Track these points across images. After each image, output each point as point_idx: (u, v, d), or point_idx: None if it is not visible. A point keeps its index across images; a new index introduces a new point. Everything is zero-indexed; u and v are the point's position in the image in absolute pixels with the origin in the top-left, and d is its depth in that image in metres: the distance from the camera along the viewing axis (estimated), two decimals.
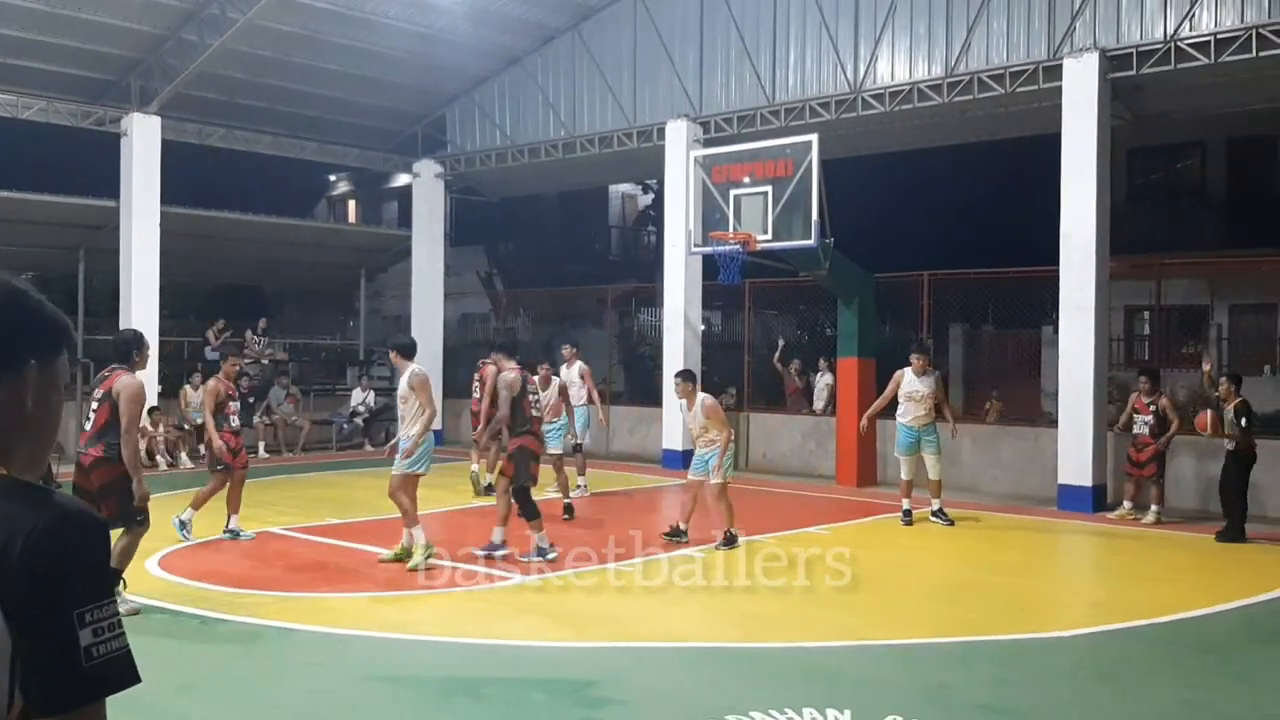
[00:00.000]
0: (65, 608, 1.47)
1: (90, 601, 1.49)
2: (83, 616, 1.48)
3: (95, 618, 1.49)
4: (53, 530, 1.49)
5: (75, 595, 1.48)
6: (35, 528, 1.48)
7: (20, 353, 1.59)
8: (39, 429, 1.63)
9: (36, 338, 1.63)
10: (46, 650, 1.46)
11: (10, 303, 1.61)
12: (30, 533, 1.47)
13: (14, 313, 1.61)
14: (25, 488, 1.55)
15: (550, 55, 19.31)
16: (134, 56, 16.99)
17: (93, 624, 1.48)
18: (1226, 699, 6.23)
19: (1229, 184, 22.67)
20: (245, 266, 22.96)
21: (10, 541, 1.47)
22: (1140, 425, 12.50)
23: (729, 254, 14.20)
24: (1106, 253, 13.55)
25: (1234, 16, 12.80)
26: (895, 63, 15.44)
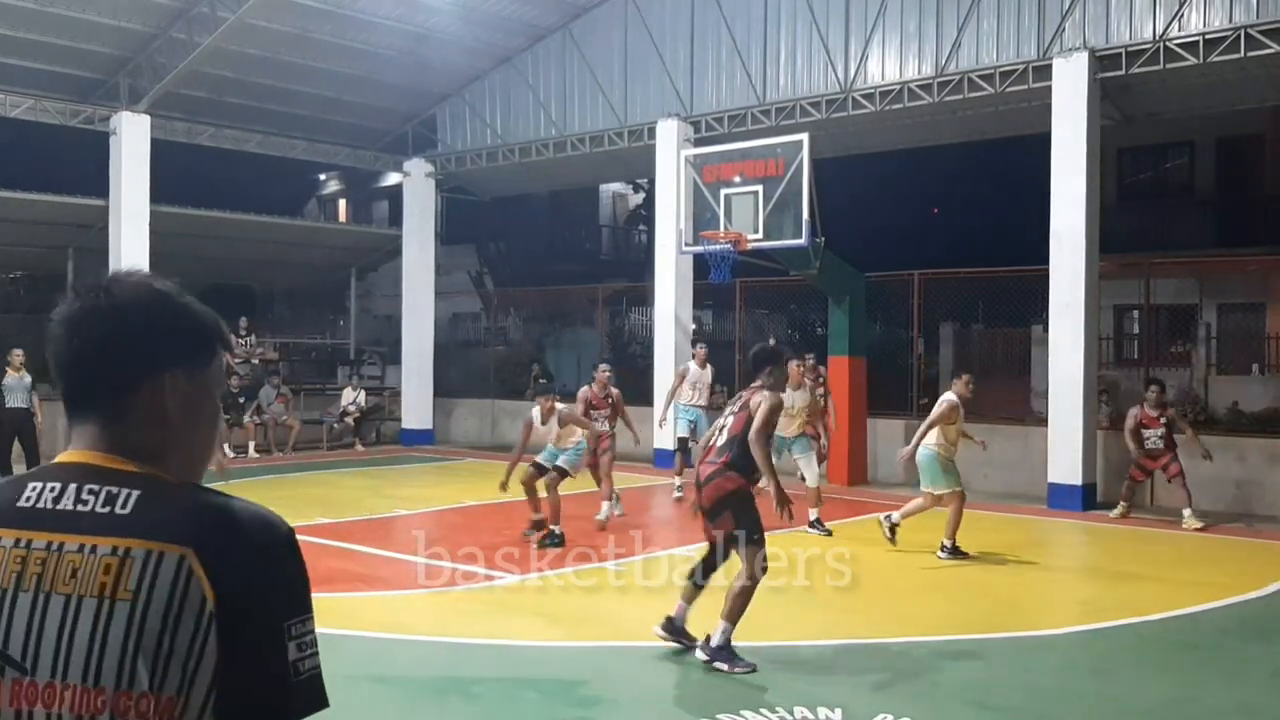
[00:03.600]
0: (276, 619, 1.41)
1: (298, 614, 1.43)
2: (290, 629, 1.42)
3: (300, 631, 1.43)
4: (262, 536, 1.44)
5: (285, 606, 1.42)
6: (244, 533, 1.43)
7: (161, 362, 1.51)
8: (190, 438, 1.55)
9: (179, 345, 1.54)
10: (252, 664, 1.39)
11: (151, 307, 1.54)
12: (239, 538, 1.42)
13: (155, 319, 1.53)
14: (204, 491, 1.48)
15: (541, 54, 19.29)
16: (123, 55, 16.93)
17: (298, 638, 1.42)
18: (1214, 696, 6.26)
19: (1218, 183, 22.76)
20: (235, 266, 22.91)
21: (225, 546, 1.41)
22: (1153, 440, 12.12)
23: (720, 253, 14.22)
24: (1096, 252, 13.59)
25: (1222, 17, 12.85)
26: (886, 62, 15.46)
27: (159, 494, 1.45)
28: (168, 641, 1.36)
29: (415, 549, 10.38)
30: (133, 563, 1.39)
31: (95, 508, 1.43)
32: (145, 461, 1.48)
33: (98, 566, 1.39)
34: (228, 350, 1.64)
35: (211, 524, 1.42)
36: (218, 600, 1.38)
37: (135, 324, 1.50)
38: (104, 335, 1.50)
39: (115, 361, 1.50)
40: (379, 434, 21.69)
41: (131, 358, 1.50)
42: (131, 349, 1.50)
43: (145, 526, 1.41)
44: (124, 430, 1.49)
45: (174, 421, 1.51)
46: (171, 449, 1.52)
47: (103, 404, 1.50)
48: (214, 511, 1.44)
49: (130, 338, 1.50)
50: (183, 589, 1.37)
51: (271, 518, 1.48)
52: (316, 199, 35.93)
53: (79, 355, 1.51)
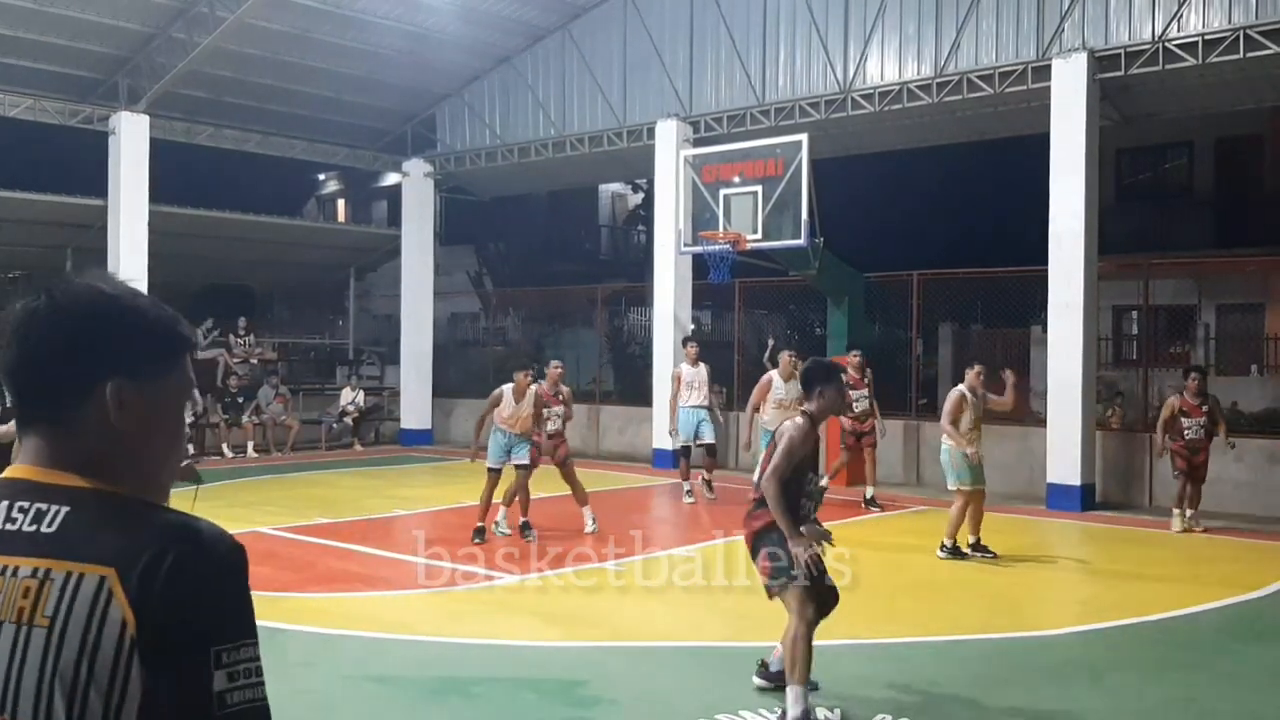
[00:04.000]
0: (201, 644, 1.29)
1: (230, 639, 1.31)
2: (220, 655, 1.30)
3: (232, 659, 1.31)
4: (192, 555, 1.32)
5: (214, 630, 1.31)
6: (172, 551, 1.31)
7: (106, 371, 1.40)
8: (144, 450, 1.44)
9: (128, 352, 1.43)
10: (175, 694, 1.28)
11: (95, 312, 1.43)
12: (166, 556, 1.30)
13: (100, 324, 1.42)
14: (149, 507, 1.39)
15: (540, 54, 19.30)
16: (122, 54, 16.93)
17: (229, 666, 1.30)
18: (1212, 697, 6.26)
19: (1217, 184, 22.76)
20: (234, 266, 22.91)
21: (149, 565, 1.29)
22: (1194, 429, 11.46)
23: (719, 253, 14.22)
24: (1095, 252, 13.60)
25: (1221, 18, 12.86)
26: (885, 63, 15.47)
27: (92, 510, 1.35)
28: (85, 670, 1.27)
29: (414, 549, 10.39)
30: (51, 585, 1.30)
31: (22, 526, 1.34)
32: (91, 476, 1.38)
33: (18, 590, 1.31)
34: (192, 354, 1.53)
35: (137, 542, 1.31)
36: (138, 625, 1.27)
37: (77, 330, 1.41)
38: (45, 342, 1.40)
39: (57, 371, 1.40)
40: (378, 434, 21.69)
41: (74, 366, 1.40)
42: (74, 357, 1.40)
43: (68, 546, 1.31)
44: (70, 443, 1.40)
45: (124, 433, 1.41)
46: (123, 462, 1.41)
47: (48, 415, 1.41)
48: (144, 528, 1.33)
49: (73, 345, 1.40)
50: (101, 613, 1.28)
51: (210, 536, 1.36)
52: (315, 199, 35.93)
53: (20, 363, 1.42)
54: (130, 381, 1.41)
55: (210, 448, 18.89)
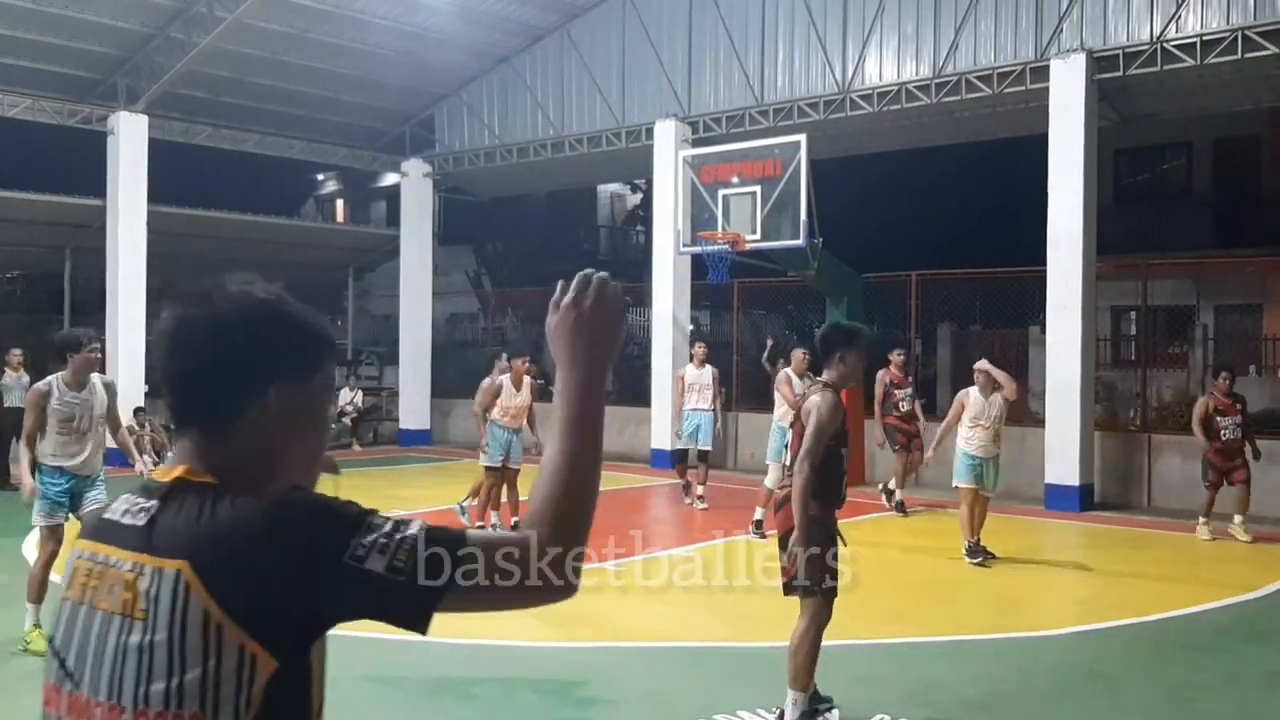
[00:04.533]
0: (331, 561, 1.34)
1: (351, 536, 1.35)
2: (355, 550, 1.34)
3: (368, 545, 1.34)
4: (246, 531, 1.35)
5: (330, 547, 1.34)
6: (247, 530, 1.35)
7: (264, 378, 1.45)
8: (294, 448, 1.49)
9: (284, 359, 1.48)
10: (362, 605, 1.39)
11: (253, 321, 1.47)
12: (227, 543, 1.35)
13: (259, 333, 1.47)
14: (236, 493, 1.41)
15: (539, 55, 19.30)
16: (120, 55, 16.93)
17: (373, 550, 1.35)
18: (1212, 697, 6.27)
19: (1215, 184, 22.76)
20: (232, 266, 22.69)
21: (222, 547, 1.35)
22: (1231, 429, 10.99)
23: (718, 254, 14.22)
24: (1093, 253, 13.60)
25: (1219, 18, 12.86)
26: (883, 63, 15.47)
27: (185, 504, 1.39)
28: (179, 657, 1.33)
29: None
30: (143, 580, 1.36)
31: (132, 521, 1.41)
32: (226, 474, 1.42)
33: (121, 583, 1.38)
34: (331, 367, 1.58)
35: (200, 534, 1.35)
36: (224, 608, 1.32)
37: (238, 340, 1.44)
38: (207, 351, 1.45)
39: (219, 379, 1.44)
40: (376, 434, 21.68)
41: (235, 375, 1.44)
42: (236, 366, 1.44)
43: (154, 541, 1.38)
44: (220, 444, 1.45)
45: (277, 436, 1.46)
46: (272, 461, 1.46)
47: (205, 421, 1.46)
48: (216, 517, 1.37)
49: (234, 355, 1.44)
50: (173, 605, 1.33)
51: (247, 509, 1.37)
52: (314, 199, 35.91)
53: (181, 371, 1.46)
54: (287, 385, 1.46)
55: None
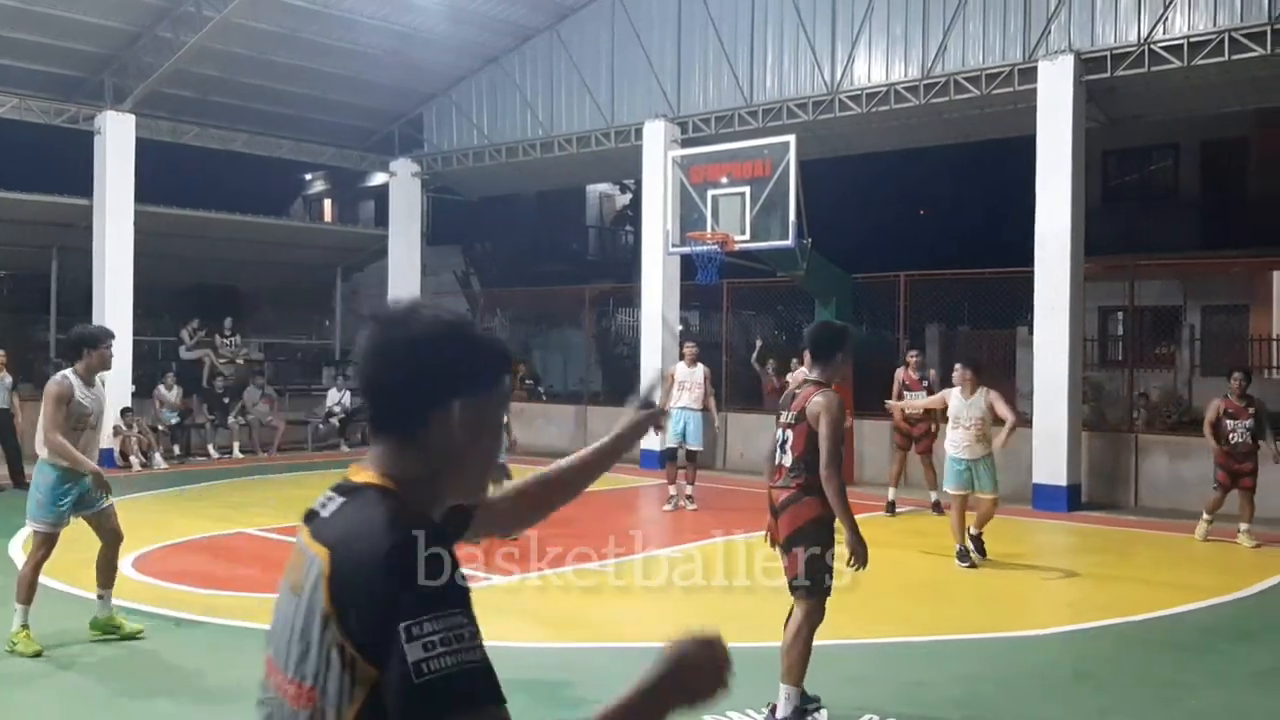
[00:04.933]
0: (393, 619, 1.41)
1: (415, 615, 1.41)
2: (408, 631, 1.40)
3: (420, 632, 1.40)
4: (375, 538, 1.47)
5: (396, 605, 1.42)
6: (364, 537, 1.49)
7: (451, 392, 1.61)
8: (471, 456, 1.66)
9: (470, 375, 1.64)
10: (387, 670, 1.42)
11: (445, 341, 1.64)
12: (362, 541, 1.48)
13: (449, 352, 1.63)
14: (386, 500, 1.55)
15: (528, 54, 19.28)
16: (108, 53, 16.86)
17: (421, 639, 1.40)
18: (1200, 697, 6.29)
19: (1202, 186, 22.89)
20: (220, 266, 22.82)
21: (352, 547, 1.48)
22: (1241, 433, 10.86)
23: (707, 254, 14.22)
24: (1081, 253, 13.65)
25: (1207, 20, 12.92)
26: (872, 64, 15.50)
27: (353, 502, 1.57)
28: (308, 636, 1.50)
29: None
30: (308, 563, 1.53)
31: (323, 513, 1.60)
32: (396, 477, 1.59)
33: (300, 565, 1.56)
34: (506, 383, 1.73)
35: (348, 531, 1.51)
36: (334, 606, 1.46)
37: (428, 357, 1.61)
38: (401, 367, 1.61)
39: (411, 392, 1.61)
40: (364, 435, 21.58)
41: (425, 389, 1.60)
42: (426, 381, 1.60)
43: (322, 531, 1.56)
44: (404, 451, 1.61)
45: (458, 444, 1.61)
46: (448, 468, 1.63)
47: (396, 429, 1.63)
48: (359, 520, 1.52)
49: (425, 371, 1.60)
50: (313, 590, 1.50)
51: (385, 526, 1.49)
52: (302, 199, 35.81)
53: (377, 384, 1.64)
54: (470, 399, 1.62)
55: (196, 449, 18.81)
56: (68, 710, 5.99)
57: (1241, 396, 11.00)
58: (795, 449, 5.48)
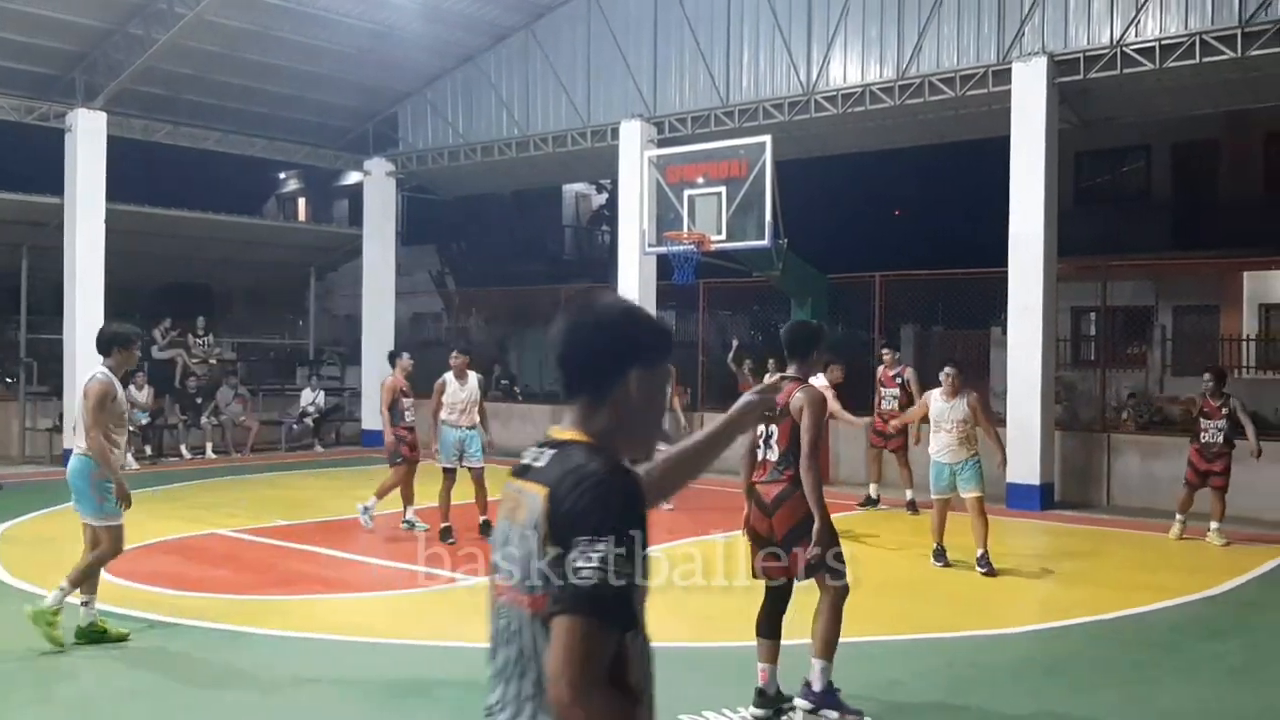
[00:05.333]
0: (573, 533, 1.88)
1: (587, 534, 1.87)
2: (582, 543, 1.87)
3: (586, 547, 1.86)
4: (581, 477, 1.94)
5: (581, 525, 1.89)
6: (573, 476, 1.94)
7: (629, 363, 2.07)
8: (643, 418, 2.12)
9: (643, 350, 2.09)
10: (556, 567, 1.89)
11: (622, 322, 2.10)
12: (571, 479, 1.94)
13: (626, 330, 2.09)
14: (591, 451, 2.01)
15: (503, 54, 19.23)
16: (79, 51, 16.70)
17: (584, 551, 1.86)
18: (1170, 695, 6.34)
19: (1174, 187, 23.09)
20: (193, 265, 22.66)
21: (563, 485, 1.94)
22: (1213, 432, 10.96)
23: (683, 254, 14.22)
24: (1054, 254, 13.74)
25: (1178, 23, 13.03)
26: (847, 65, 15.55)
27: (564, 454, 2.01)
28: (527, 552, 1.95)
29: (376, 551, 10.33)
30: (529, 501, 1.99)
31: (533, 463, 2.05)
32: (595, 435, 2.05)
33: (522, 503, 2.01)
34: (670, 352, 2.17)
35: (563, 474, 1.96)
36: (550, 528, 1.92)
37: (613, 336, 2.08)
38: (590, 344, 2.08)
39: (599, 364, 2.07)
40: (339, 435, 21.53)
41: (610, 362, 2.07)
42: (611, 355, 2.07)
43: (539, 474, 2.01)
44: (593, 412, 2.07)
45: (634, 407, 2.08)
46: (627, 427, 2.08)
47: (587, 395, 2.08)
48: (571, 467, 1.97)
49: (610, 346, 2.07)
50: (535, 520, 1.95)
51: (592, 468, 1.96)
52: (276, 198, 35.60)
53: (571, 358, 2.09)
54: (644, 370, 2.08)
55: (168, 449, 18.68)
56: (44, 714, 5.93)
57: (1215, 396, 11.07)
58: (781, 443, 5.67)
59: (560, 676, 1.85)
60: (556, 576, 1.89)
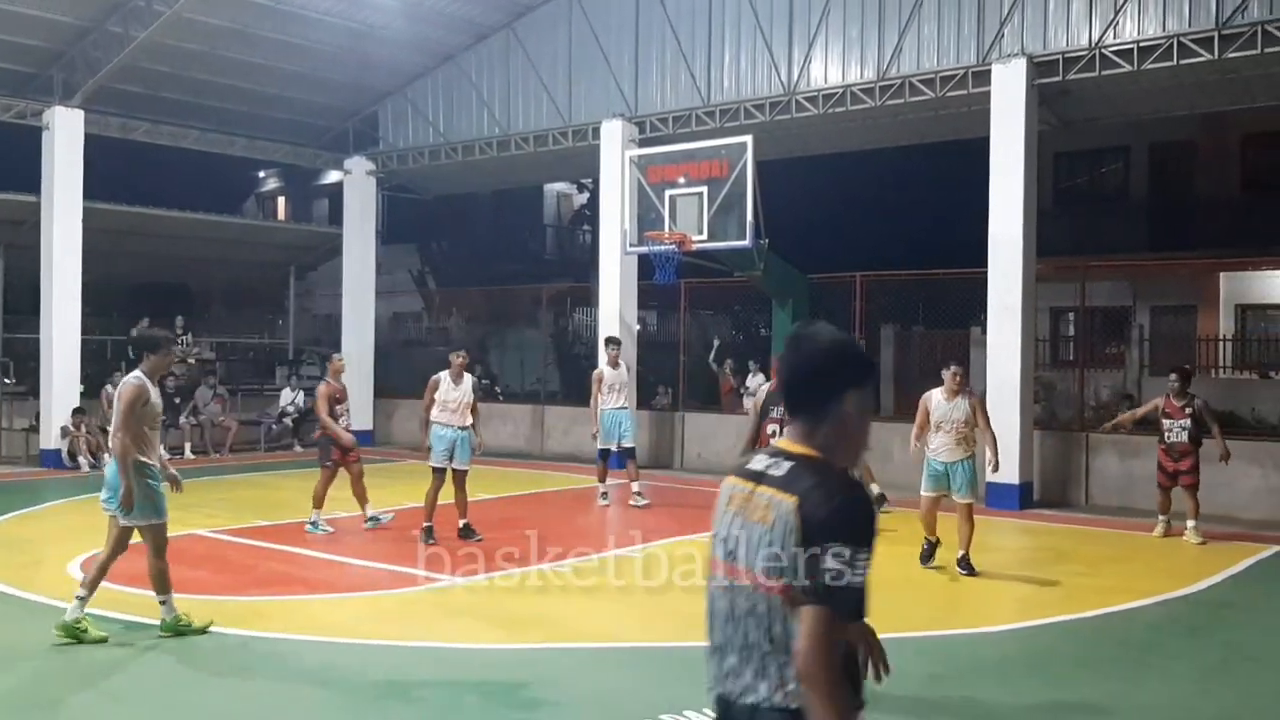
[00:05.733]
0: (826, 539, 2.29)
1: (836, 542, 2.29)
2: (833, 549, 2.28)
3: (836, 553, 2.28)
4: (831, 492, 2.35)
5: (833, 534, 2.30)
6: (824, 490, 2.35)
7: (843, 386, 2.46)
8: (854, 435, 2.50)
9: (855, 376, 2.49)
10: (810, 565, 2.30)
11: (836, 352, 2.50)
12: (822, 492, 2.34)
13: (840, 358, 2.50)
14: (828, 467, 2.42)
15: (484, 53, 19.20)
16: (56, 48, 16.58)
17: (836, 555, 2.28)
18: (1148, 692, 6.38)
19: (1151, 188, 23.24)
20: (171, 264, 22.54)
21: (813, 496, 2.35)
22: (1176, 432, 11.05)
23: (664, 254, 14.23)
24: (1033, 255, 13.81)
25: (1156, 25, 13.12)
26: (828, 66, 15.59)
27: (800, 467, 2.42)
28: (779, 548, 2.36)
29: (356, 552, 10.29)
30: (774, 505, 2.39)
31: (770, 471, 2.45)
32: (816, 449, 2.45)
33: (763, 504, 2.42)
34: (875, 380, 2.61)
35: (812, 483, 2.36)
36: (802, 528, 2.33)
37: (831, 362, 2.49)
38: (813, 369, 2.50)
39: (819, 387, 2.47)
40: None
41: (829, 384, 2.47)
42: (830, 379, 2.47)
43: (785, 484, 2.40)
44: (814, 428, 2.47)
45: (848, 426, 2.47)
46: (841, 443, 2.47)
47: (808, 412, 2.48)
48: (817, 476, 2.38)
49: (829, 372, 2.48)
50: (784, 521, 2.36)
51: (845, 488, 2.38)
52: (255, 196, 35.44)
53: (795, 382, 2.52)
54: (857, 392, 2.47)
55: None
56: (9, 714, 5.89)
57: (1179, 396, 11.14)
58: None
59: (808, 653, 2.29)
60: (808, 572, 2.30)
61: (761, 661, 2.42)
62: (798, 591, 2.31)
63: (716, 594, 2.54)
